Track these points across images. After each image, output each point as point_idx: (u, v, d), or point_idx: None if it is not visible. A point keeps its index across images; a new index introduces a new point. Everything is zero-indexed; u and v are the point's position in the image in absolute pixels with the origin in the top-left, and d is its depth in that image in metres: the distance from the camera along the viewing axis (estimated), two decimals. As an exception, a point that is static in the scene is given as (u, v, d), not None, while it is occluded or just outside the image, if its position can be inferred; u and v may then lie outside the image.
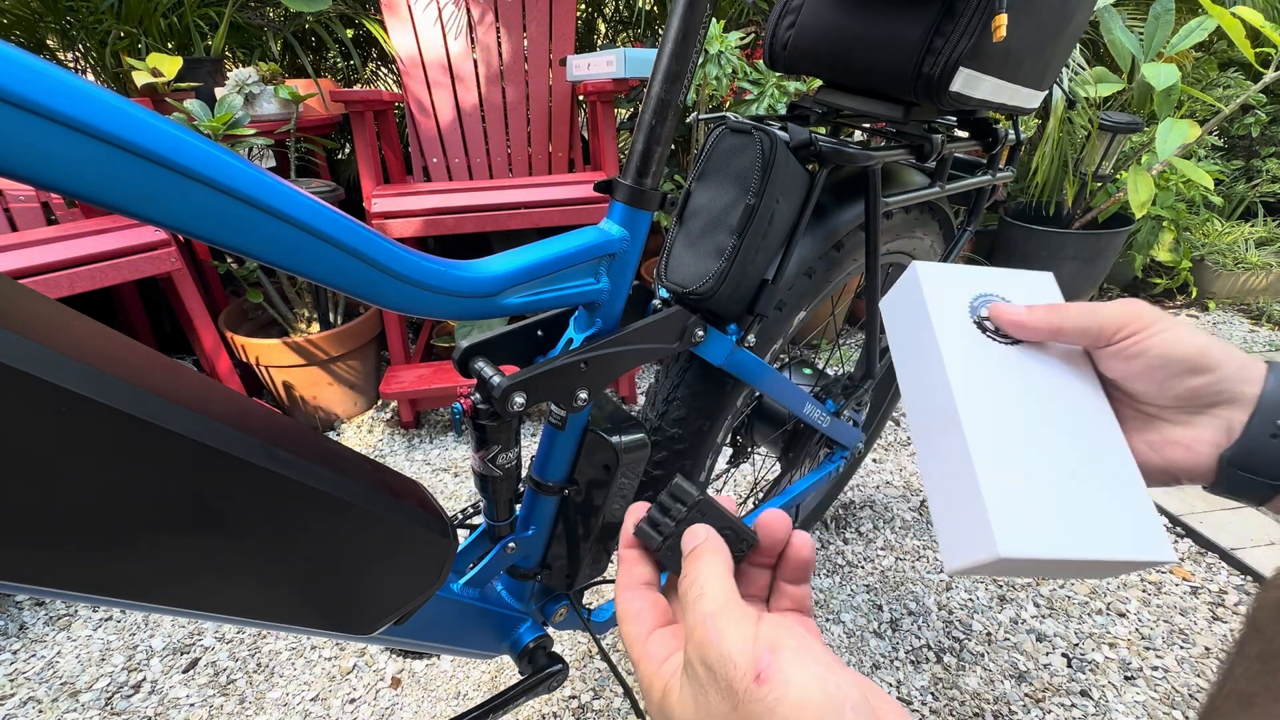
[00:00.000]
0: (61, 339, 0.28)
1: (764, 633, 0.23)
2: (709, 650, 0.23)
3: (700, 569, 0.26)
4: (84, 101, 0.24)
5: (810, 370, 0.98)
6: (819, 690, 0.21)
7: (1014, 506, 0.32)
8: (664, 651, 0.27)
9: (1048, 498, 0.33)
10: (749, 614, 0.24)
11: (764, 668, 0.21)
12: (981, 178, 0.80)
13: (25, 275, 1.14)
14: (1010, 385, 0.36)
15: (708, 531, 0.28)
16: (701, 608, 0.24)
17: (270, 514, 0.36)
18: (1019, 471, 0.33)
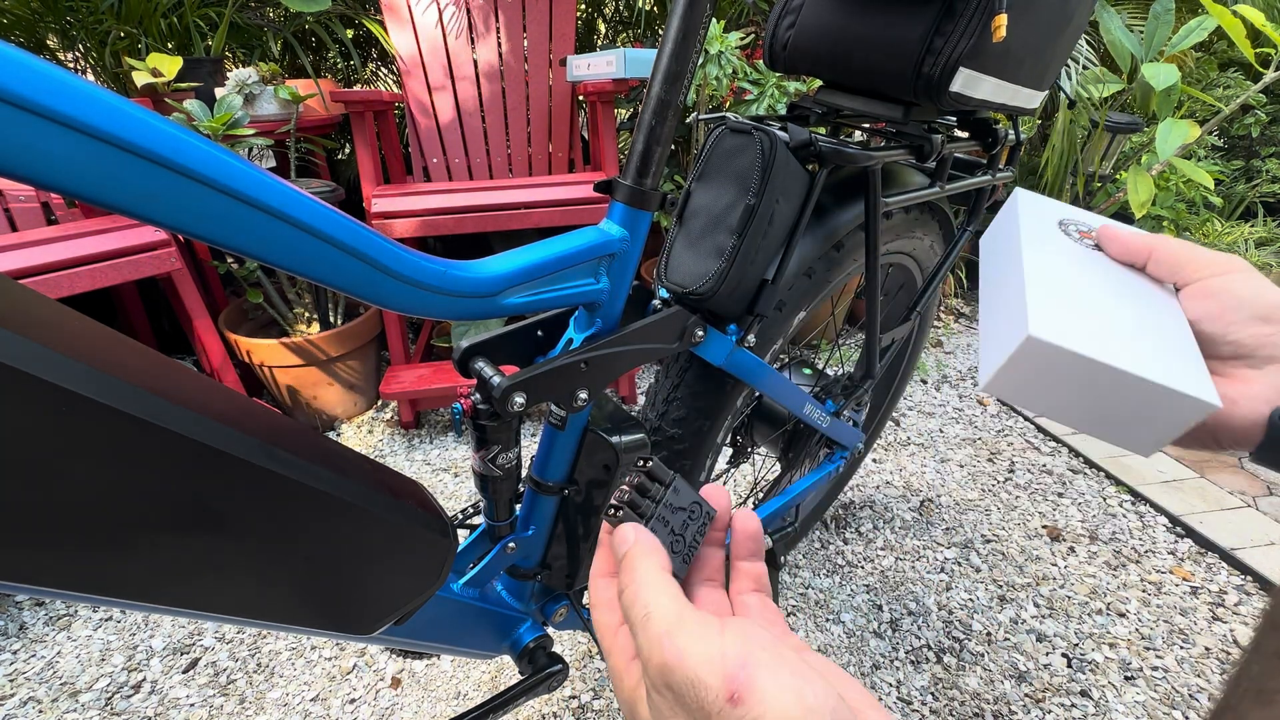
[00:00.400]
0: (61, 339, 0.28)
1: (730, 646, 0.21)
2: (672, 675, 0.21)
3: (638, 580, 0.24)
4: (84, 101, 0.24)
5: (810, 370, 0.98)
6: (798, 704, 0.20)
7: (1058, 308, 0.33)
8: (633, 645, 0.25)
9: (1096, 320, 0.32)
10: (708, 624, 0.22)
11: (737, 687, 0.20)
12: (981, 178, 0.80)
13: (25, 275, 1.14)
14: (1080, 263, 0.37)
15: (637, 532, 0.27)
16: (652, 628, 0.22)
17: (270, 514, 0.36)
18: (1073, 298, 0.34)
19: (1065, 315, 0.32)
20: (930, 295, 0.92)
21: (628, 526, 0.27)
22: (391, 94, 1.69)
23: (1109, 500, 1.43)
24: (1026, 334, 0.31)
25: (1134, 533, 1.34)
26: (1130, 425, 0.32)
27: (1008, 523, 1.36)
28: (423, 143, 1.86)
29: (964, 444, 1.63)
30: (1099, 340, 0.31)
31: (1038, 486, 1.47)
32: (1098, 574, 1.23)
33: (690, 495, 0.30)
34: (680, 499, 0.29)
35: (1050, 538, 1.32)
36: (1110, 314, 0.33)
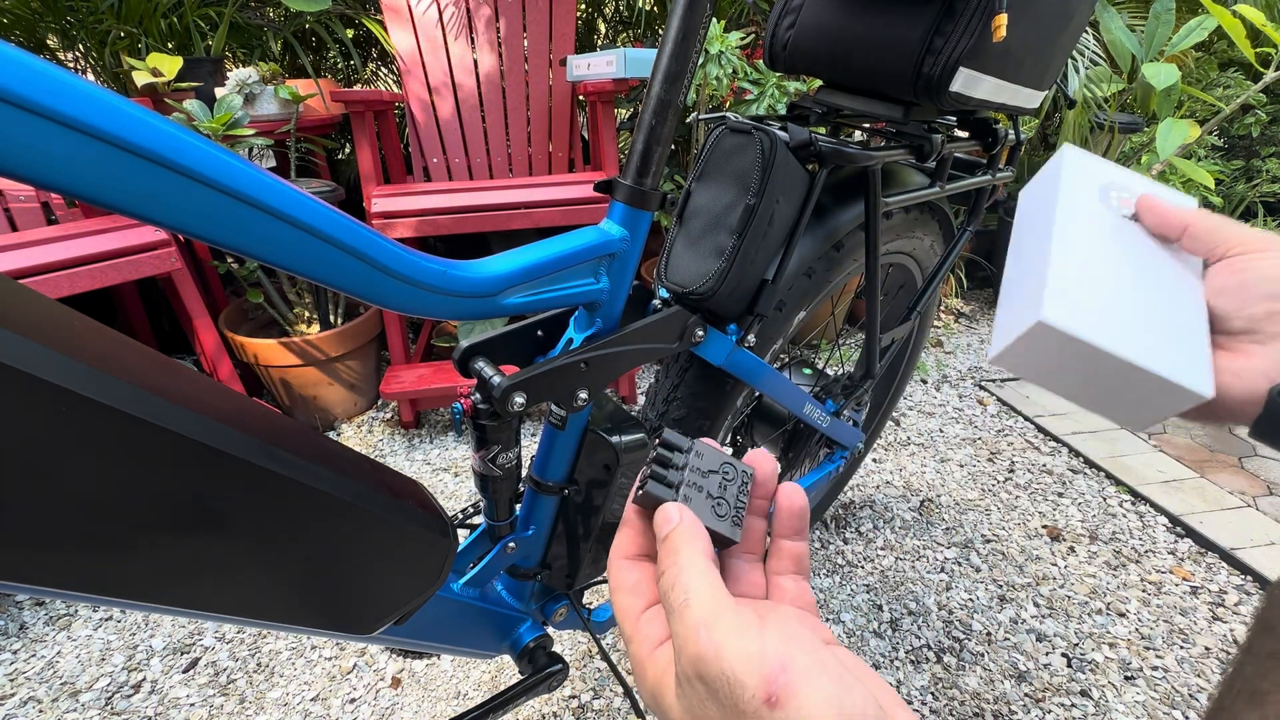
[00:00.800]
0: (61, 339, 0.28)
1: (770, 646, 0.21)
2: (707, 667, 0.21)
3: (680, 564, 0.24)
4: (84, 101, 0.24)
5: (810, 370, 0.98)
6: (837, 713, 0.19)
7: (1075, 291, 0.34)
8: (660, 632, 0.25)
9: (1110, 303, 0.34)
10: (748, 621, 0.22)
11: (776, 689, 0.20)
12: (981, 178, 0.80)
13: (25, 275, 1.14)
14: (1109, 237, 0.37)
15: (679, 512, 0.26)
16: (690, 616, 0.22)
17: (270, 514, 0.36)
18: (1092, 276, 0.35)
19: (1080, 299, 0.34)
20: (930, 295, 0.92)
21: (671, 506, 0.26)
22: (391, 94, 1.69)
23: (1109, 500, 1.43)
24: (1038, 319, 0.33)
25: (1134, 533, 1.34)
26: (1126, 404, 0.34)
27: (1008, 522, 1.37)
28: (423, 143, 1.86)
29: (964, 444, 1.63)
30: (1107, 326, 0.33)
31: (1038, 486, 1.47)
32: (1098, 574, 1.23)
33: (718, 456, 0.28)
34: (707, 461, 0.28)
35: (1050, 538, 1.32)
36: (1126, 296, 0.34)
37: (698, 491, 0.27)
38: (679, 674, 0.22)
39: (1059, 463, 1.55)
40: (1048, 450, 1.60)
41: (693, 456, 0.28)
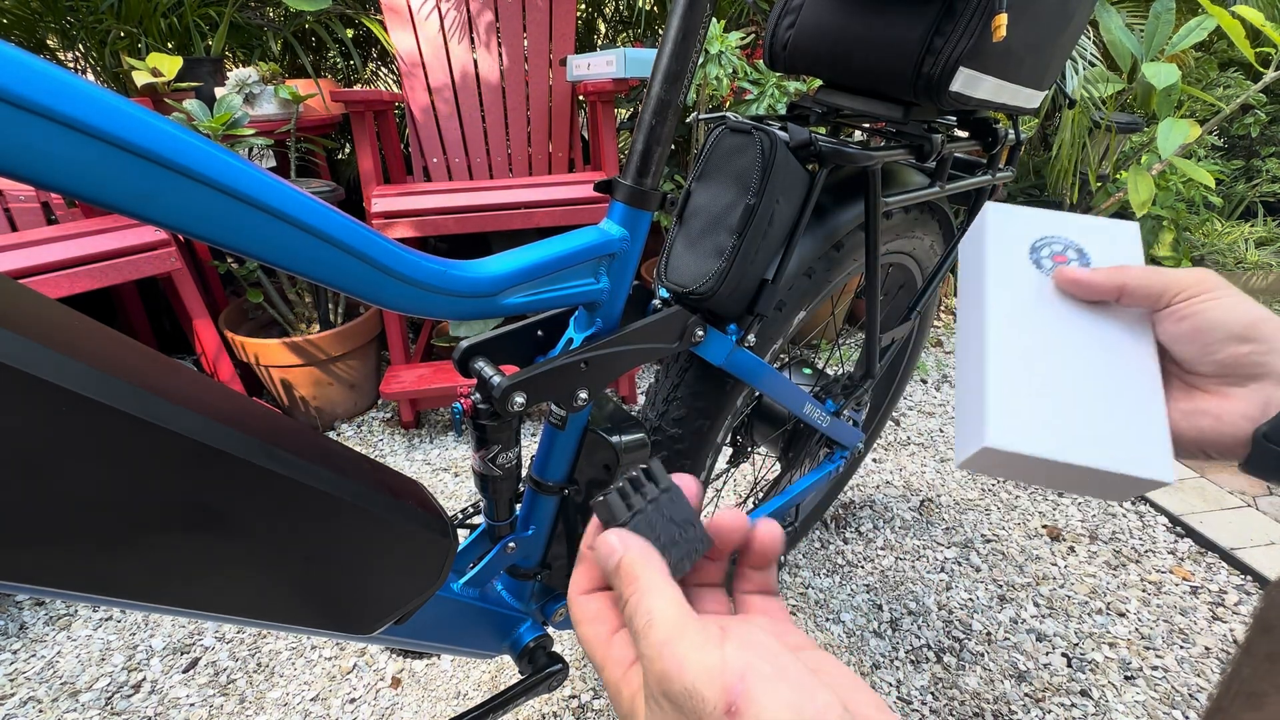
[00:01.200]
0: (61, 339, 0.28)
1: (731, 656, 0.21)
2: (671, 684, 0.21)
3: (640, 588, 0.24)
4: (84, 101, 0.24)
5: (810, 370, 0.98)
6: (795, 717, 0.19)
7: (1015, 405, 0.33)
8: (630, 654, 0.25)
9: (1055, 405, 0.33)
10: (710, 635, 0.22)
11: (735, 699, 0.20)
12: (981, 178, 0.80)
13: (25, 275, 1.14)
14: (1048, 311, 0.36)
15: (624, 540, 0.26)
16: (654, 635, 0.22)
17: (270, 514, 0.36)
18: (1032, 379, 0.34)
19: (1022, 413, 0.34)
20: (930, 295, 0.92)
21: (611, 534, 0.26)
22: (391, 94, 1.69)
23: (1108, 500, 1.43)
24: (983, 444, 0.33)
25: (1134, 532, 1.34)
26: (1094, 489, 0.34)
27: (1008, 522, 1.37)
28: (423, 143, 1.86)
29: (964, 444, 1.63)
30: (1054, 434, 0.33)
31: (1037, 486, 1.47)
32: (1098, 574, 1.23)
33: (686, 512, 0.27)
34: (674, 510, 0.27)
35: (1050, 537, 1.32)
36: (1071, 387, 0.34)
37: (649, 530, 0.27)
38: (647, 694, 0.22)
39: (1059, 463, 1.55)
40: (1048, 450, 1.60)
41: (662, 495, 0.27)
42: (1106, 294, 0.36)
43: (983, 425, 0.33)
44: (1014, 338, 0.36)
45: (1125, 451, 0.32)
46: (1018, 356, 0.35)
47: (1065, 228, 0.39)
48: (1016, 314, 0.37)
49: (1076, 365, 0.35)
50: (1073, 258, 0.38)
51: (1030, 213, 0.40)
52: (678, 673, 0.21)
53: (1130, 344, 0.35)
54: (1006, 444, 0.33)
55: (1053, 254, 0.38)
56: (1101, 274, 0.36)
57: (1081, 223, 0.39)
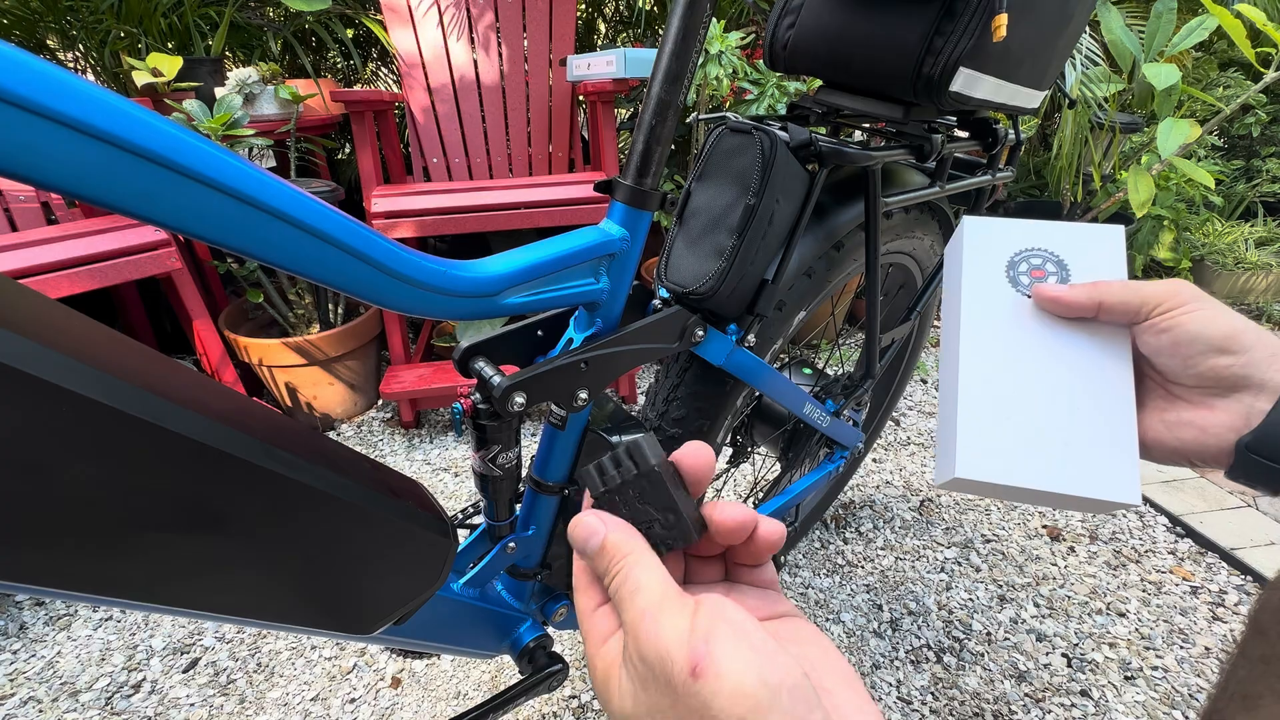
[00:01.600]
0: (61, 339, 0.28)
1: (700, 622, 0.22)
2: (646, 647, 0.22)
3: (628, 562, 0.25)
4: (84, 101, 0.24)
5: (810, 370, 0.98)
6: (755, 679, 0.20)
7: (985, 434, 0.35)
8: (606, 628, 0.26)
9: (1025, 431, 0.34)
10: (686, 603, 0.23)
11: (699, 660, 0.21)
12: (981, 178, 0.80)
13: (25, 275, 1.14)
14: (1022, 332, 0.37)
15: (605, 521, 0.27)
16: (638, 603, 0.24)
17: (270, 514, 0.36)
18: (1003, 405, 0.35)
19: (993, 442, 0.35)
20: (930, 295, 0.92)
21: (589, 516, 0.27)
22: (391, 94, 1.69)
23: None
24: (954, 475, 0.34)
25: (1134, 533, 1.34)
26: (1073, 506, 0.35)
27: (1008, 522, 1.36)
28: (423, 143, 1.86)
29: (964, 444, 1.63)
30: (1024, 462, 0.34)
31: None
32: (1098, 574, 1.23)
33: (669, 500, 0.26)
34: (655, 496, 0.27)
35: (1050, 537, 1.32)
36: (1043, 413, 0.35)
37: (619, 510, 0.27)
38: (627, 658, 0.24)
39: (1059, 463, 1.55)
40: (1048, 450, 1.60)
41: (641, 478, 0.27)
42: (1084, 311, 0.36)
43: (954, 454, 0.35)
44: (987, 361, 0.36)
45: (1093, 476, 0.33)
46: (989, 381, 0.36)
47: (1046, 239, 0.39)
48: (990, 336, 0.37)
49: (1048, 388, 0.35)
50: (1052, 271, 0.38)
51: (1009, 224, 0.40)
52: (655, 636, 0.22)
53: (1105, 362, 0.35)
54: (976, 474, 0.34)
55: (1031, 269, 0.38)
56: (1079, 291, 0.36)
57: (1063, 232, 0.39)
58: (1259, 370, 0.31)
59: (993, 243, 0.39)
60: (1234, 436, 0.32)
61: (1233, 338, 0.32)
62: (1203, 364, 0.33)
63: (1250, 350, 0.31)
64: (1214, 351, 0.32)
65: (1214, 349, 0.32)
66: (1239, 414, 0.32)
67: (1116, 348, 0.36)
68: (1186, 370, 0.33)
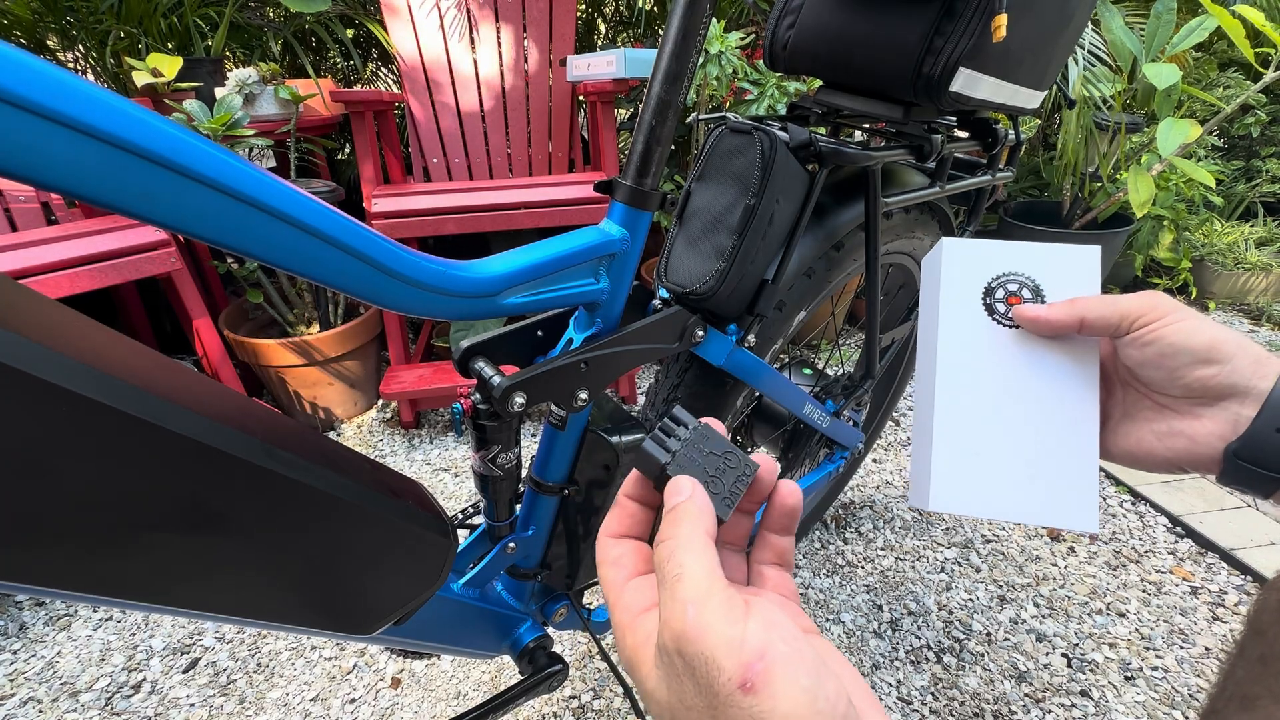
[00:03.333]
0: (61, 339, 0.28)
1: (752, 633, 0.21)
2: (689, 645, 0.21)
3: (680, 538, 0.24)
4: (84, 101, 0.24)
5: (810, 370, 0.98)
6: (809, 705, 0.20)
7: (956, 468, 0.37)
8: (642, 601, 0.25)
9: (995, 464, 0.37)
10: (735, 606, 0.22)
11: (752, 676, 0.20)
12: (981, 178, 0.80)
13: (25, 275, 1.14)
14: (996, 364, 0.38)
15: (693, 487, 0.26)
16: (681, 592, 0.22)
17: (270, 514, 0.36)
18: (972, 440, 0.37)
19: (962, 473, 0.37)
20: (930, 295, 0.92)
21: (684, 480, 0.26)
22: (391, 94, 1.69)
23: (1109, 500, 1.43)
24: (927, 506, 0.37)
25: (1134, 533, 1.34)
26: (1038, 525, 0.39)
27: (1008, 523, 1.37)
28: (423, 143, 1.86)
29: (964, 444, 1.63)
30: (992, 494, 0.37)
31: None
32: (1098, 574, 1.23)
33: (723, 444, 0.28)
34: (711, 444, 0.28)
35: (1050, 538, 1.32)
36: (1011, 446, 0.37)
37: (693, 464, 0.27)
38: (660, 645, 0.23)
39: (1059, 463, 1.55)
40: (1048, 450, 1.60)
41: (693, 433, 0.28)
42: (1067, 328, 0.36)
43: (928, 486, 0.37)
44: (961, 393, 0.38)
45: (1055, 507, 0.36)
46: (963, 414, 0.38)
47: (1022, 262, 0.39)
48: (965, 366, 0.38)
49: (1019, 421, 0.37)
50: (1028, 297, 0.38)
51: (986, 247, 0.40)
52: (699, 636, 0.21)
53: (1073, 393, 0.37)
54: (949, 507, 0.37)
55: (1007, 295, 0.39)
56: (1059, 310, 0.36)
57: (1039, 254, 0.39)
58: (1242, 378, 0.32)
59: (970, 267, 0.40)
60: (1223, 444, 0.32)
61: (1214, 348, 0.32)
62: (1188, 375, 0.33)
63: (1233, 359, 0.32)
64: (1197, 362, 0.32)
65: (1197, 360, 0.32)
66: (1226, 422, 0.32)
67: (1086, 371, 0.37)
68: (1172, 382, 0.34)
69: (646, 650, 0.23)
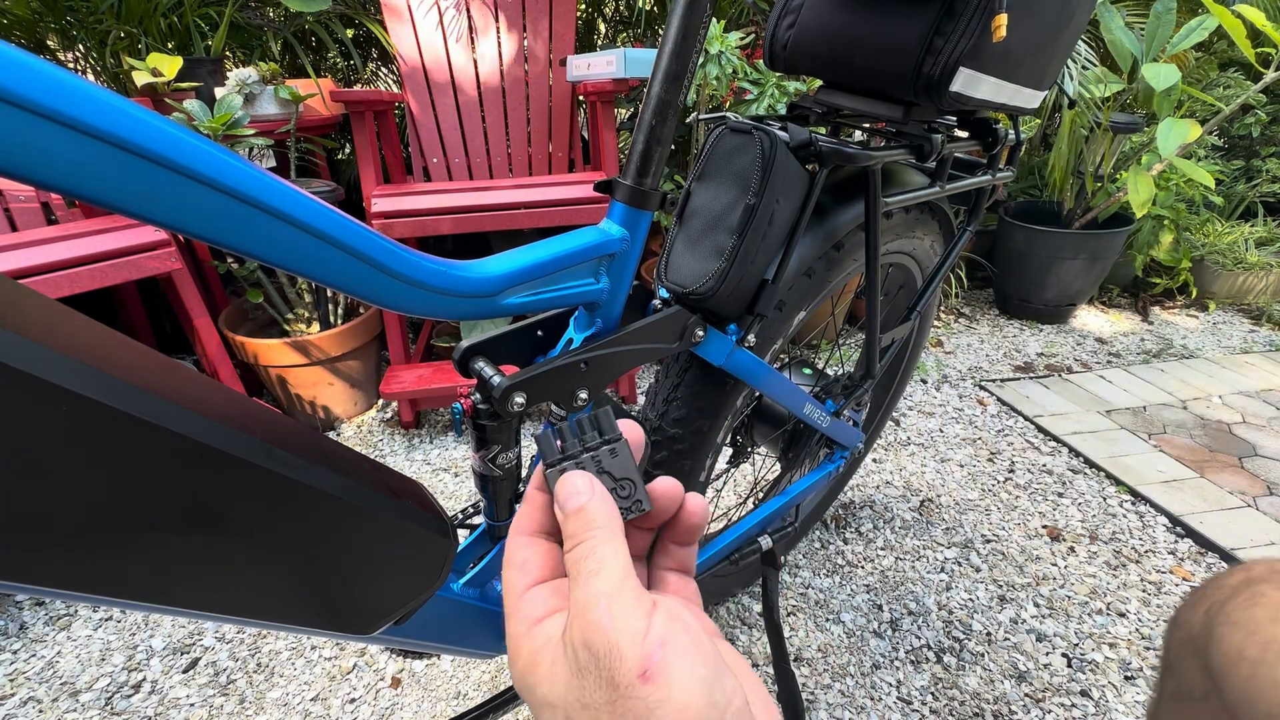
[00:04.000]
0: (61, 339, 0.28)
1: (656, 624, 0.21)
2: (596, 636, 0.21)
3: (597, 538, 0.24)
4: (84, 101, 0.24)
5: (810, 370, 0.98)
6: (704, 696, 0.20)
7: None
8: (539, 610, 0.25)
9: None
10: (644, 600, 0.22)
11: (651, 665, 0.20)
12: (981, 178, 0.80)
13: (25, 275, 1.14)
14: None
15: (593, 486, 0.26)
16: (596, 585, 0.22)
17: (270, 514, 0.36)
18: None
19: None
20: (930, 295, 0.92)
21: (580, 477, 0.26)
22: (391, 94, 1.69)
23: (1109, 500, 1.43)
24: None
25: (1134, 533, 1.34)
26: None
27: (1008, 523, 1.37)
28: (423, 143, 1.86)
29: (964, 444, 1.63)
30: None
31: (1038, 486, 1.47)
32: (1098, 574, 1.23)
33: (627, 468, 0.27)
34: (616, 465, 0.27)
35: (1050, 538, 1.32)
36: None
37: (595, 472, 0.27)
38: (567, 640, 0.22)
39: (1059, 463, 1.55)
40: (1048, 450, 1.60)
41: (603, 445, 0.27)
42: None
43: None
44: None
45: None
46: None
47: None
48: None
49: None
50: None
51: None
52: (607, 626, 0.21)
53: None
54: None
55: None
56: None
57: None
58: None
59: None
60: None
61: None
62: None
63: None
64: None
65: None
66: None
67: None
68: None
69: (544, 653, 0.23)
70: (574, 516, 0.25)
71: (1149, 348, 2.12)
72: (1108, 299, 2.47)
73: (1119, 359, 2.06)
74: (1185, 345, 2.13)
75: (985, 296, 2.52)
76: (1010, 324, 2.31)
